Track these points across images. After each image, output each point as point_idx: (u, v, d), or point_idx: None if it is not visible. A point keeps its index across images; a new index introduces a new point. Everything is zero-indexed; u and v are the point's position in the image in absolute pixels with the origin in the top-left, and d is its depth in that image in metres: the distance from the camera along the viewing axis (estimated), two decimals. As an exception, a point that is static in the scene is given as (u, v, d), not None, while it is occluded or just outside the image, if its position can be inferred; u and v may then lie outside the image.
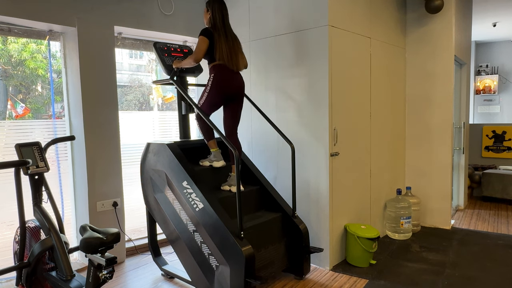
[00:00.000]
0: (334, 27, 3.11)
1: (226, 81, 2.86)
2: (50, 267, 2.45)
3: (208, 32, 2.81)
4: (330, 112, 3.11)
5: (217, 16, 2.84)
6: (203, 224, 2.60)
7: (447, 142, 4.16)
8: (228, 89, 2.88)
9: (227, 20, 2.89)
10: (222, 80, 2.84)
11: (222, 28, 2.84)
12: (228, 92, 2.89)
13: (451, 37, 4.07)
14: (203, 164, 3.04)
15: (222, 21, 2.85)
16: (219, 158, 3.02)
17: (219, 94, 2.87)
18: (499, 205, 5.34)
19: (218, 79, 2.84)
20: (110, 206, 3.39)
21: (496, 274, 3.04)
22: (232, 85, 2.88)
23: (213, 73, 2.86)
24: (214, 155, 3.02)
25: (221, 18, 2.84)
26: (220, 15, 2.84)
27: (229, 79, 2.87)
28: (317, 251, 2.99)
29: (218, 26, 2.83)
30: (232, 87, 2.89)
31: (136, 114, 4.13)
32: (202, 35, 2.80)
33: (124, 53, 4.76)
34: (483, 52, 8.50)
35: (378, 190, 3.91)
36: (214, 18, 2.84)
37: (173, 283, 3.04)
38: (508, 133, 5.86)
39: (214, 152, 3.03)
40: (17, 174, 2.35)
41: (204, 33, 2.80)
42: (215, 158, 3.01)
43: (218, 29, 2.82)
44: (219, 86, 2.85)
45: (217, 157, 3.02)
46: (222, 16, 2.85)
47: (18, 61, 3.45)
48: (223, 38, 2.81)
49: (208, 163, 3.03)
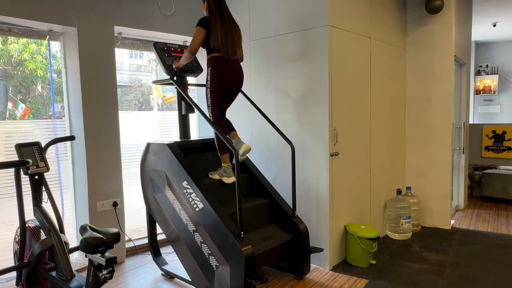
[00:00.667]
0: (334, 27, 3.11)
1: (224, 75, 2.79)
2: (50, 267, 2.45)
3: (205, 21, 2.74)
4: (330, 112, 3.11)
5: (211, 2, 2.77)
6: (203, 224, 2.60)
7: (447, 142, 4.16)
8: (227, 83, 2.82)
9: (223, 6, 2.81)
10: (220, 72, 2.78)
11: (218, 12, 2.75)
12: (228, 86, 2.84)
13: (451, 37, 4.07)
14: (213, 177, 2.97)
15: (217, 7, 2.77)
16: (229, 174, 2.94)
17: (220, 89, 2.81)
18: (499, 205, 5.34)
19: (216, 71, 2.78)
20: (110, 206, 3.39)
21: (496, 274, 3.04)
22: (231, 78, 2.82)
23: (210, 67, 2.80)
24: (225, 170, 2.94)
25: (216, 3, 2.77)
26: (215, 1, 2.78)
27: (227, 71, 2.80)
28: (317, 251, 2.99)
29: (213, 11, 2.76)
30: (232, 81, 2.83)
31: (136, 114, 4.13)
32: (198, 25, 2.74)
33: (124, 53, 4.76)
34: (483, 52, 8.50)
35: (378, 190, 3.91)
36: (209, 6, 2.78)
37: (173, 283, 3.04)
38: (508, 133, 5.86)
39: (225, 167, 2.95)
40: (17, 174, 2.35)
41: (200, 23, 2.74)
42: (225, 174, 2.94)
43: (214, 15, 2.74)
44: (218, 79, 2.78)
45: (227, 172, 2.94)
46: (217, 2, 2.78)
47: (18, 61, 3.46)
48: (219, 21, 2.74)
49: (218, 177, 2.95)
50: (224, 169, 2.95)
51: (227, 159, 2.95)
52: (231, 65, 2.82)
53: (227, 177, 2.93)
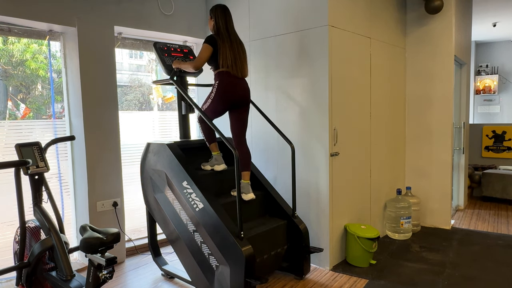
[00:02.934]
0: (334, 27, 3.11)
1: (231, 88, 2.84)
2: (50, 267, 2.45)
3: (213, 39, 2.80)
4: (330, 112, 3.11)
5: (220, 22, 2.83)
6: (203, 224, 2.60)
7: (447, 142, 4.16)
8: (232, 96, 2.86)
9: (231, 26, 2.88)
10: (227, 88, 2.83)
11: (226, 34, 2.82)
12: (233, 99, 2.87)
13: (451, 37, 4.07)
14: (205, 168, 3.03)
15: (226, 27, 2.83)
16: (220, 161, 3.01)
17: (223, 101, 2.85)
18: (499, 205, 5.34)
19: (223, 86, 2.83)
20: (110, 206, 3.39)
21: (496, 274, 3.04)
22: (236, 92, 2.87)
23: (218, 80, 2.85)
24: (215, 159, 3.02)
25: (224, 24, 2.83)
26: (224, 21, 2.83)
27: (234, 86, 2.85)
28: (317, 251, 2.99)
29: (222, 32, 2.82)
30: (237, 94, 2.87)
31: (136, 114, 4.13)
32: (206, 42, 2.79)
33: (124, 53, 4.76)
34: (483, 52, 8.50)
35: (378, 190, 3.91)
36: (217, 25, 2.84)
37: (173, 283, 3.04)
38: (508, 133, 5.86)
39: (216, 156, 3.02)
40: (17, 174, 2.35)
41: (208, 41, 2.80)
42: (216, 162, 3.01)
43: (222, 35, 2.81)
44: (224, 93, 2.83)
45: (218, 160, 3.01)
46: (225, 22, 2.84)
47: (19, 61, 3.46)
48: (228, 44, 2.80)
49: (209, 167, 3.02)
50: (215, 158, 3.02)
51: (215, 147, 3.03)
52: (238, 81, 2.88)
53: (218, 165, 3.00)
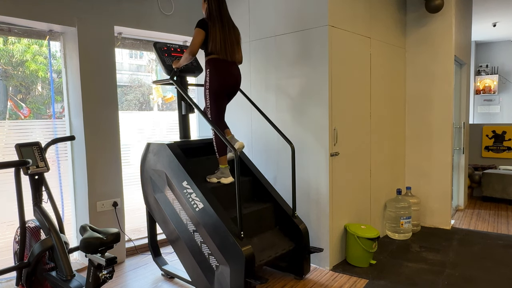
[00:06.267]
0: (334, 27, 3.11)
1: (223, 76, 2.80)
2: (50, 267, 2.45)
3: (203, 23, 2.75)
4: (330, 112, 3.11)
5: (212, 4, 2.78)
6: (203, 224, 2.60)
7: (447, 142, 4.16)
8: (225, 84, 2.82)
9: (223, 9, 2.81)
10: (218, 76, 2.79)
11: (218, 16, 2.76)
12: (227, 86, 2.84)
13: (451, 37, 4.07)
14: (211, 181, 2.95)
15: (218, 9, 2.77)
16: (227, 174, 2.94)
17: (219, 90, 2.82)
18: (499, 205, 5.34)
19: (214, 75, 2.79)
20: (110, 206, 3.39)
21: (496, 274, 3.04)
22: (229, 80, 2.83)
23: (208, 68, 2.81)
24: (222, 172, 2.94)
25: (217, 6, 2.78)
26: (216, 4, 2.78)
27: (225, 73, 2.81)
28: (317, 251, 3.00)
29: (213, 14, 2.76)
30: (229, 82, 2.83)
31: (136, 114, 4.13)
32: (197, 26, 2.75)
33: (124, 53, 4.76)
34: (483, 52, 8.50)
35: (378, 190, 3.91)
36: (210, 8, 2.79)
37: (173, 283, 3.04)
38: (508, 133, 5.86)
39: (223, 169, 2.94)
40: (17, 174, 2.35)
41: (199, 25, 2.75)
42: (223, 175, 2.93)
43: (214, 18, 2.75)
44: (217, 83, 2.80)
45: (225, 173, 2.93)
46: (218, 5, 2.78)
47: (19, 62, 3.46)
48: (218, 26, 2.75)
49: (215, 180, 2.95)
50: (222, 171, 2.94)
51: (225, 160, 2.95)
52: (229, 67, 2.83)
53: (225, 178, 2.92)
